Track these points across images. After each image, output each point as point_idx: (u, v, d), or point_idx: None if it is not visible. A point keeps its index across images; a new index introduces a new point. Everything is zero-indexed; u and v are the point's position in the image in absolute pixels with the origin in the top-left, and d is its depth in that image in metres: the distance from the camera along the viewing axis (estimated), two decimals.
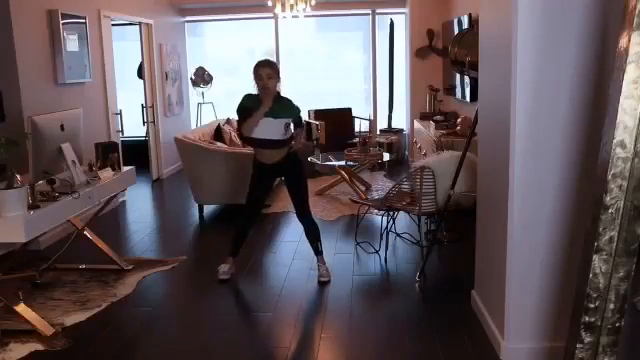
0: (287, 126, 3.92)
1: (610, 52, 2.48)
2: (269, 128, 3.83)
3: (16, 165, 3.12)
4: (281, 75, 3.91)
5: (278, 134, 3.86)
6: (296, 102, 4.04)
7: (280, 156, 3.95)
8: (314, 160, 6.84)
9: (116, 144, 4.63)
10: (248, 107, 3.83)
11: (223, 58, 9.32)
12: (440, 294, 3.79)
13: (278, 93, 3.90)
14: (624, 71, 1.76)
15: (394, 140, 8.10)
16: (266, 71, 3.76)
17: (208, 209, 5.99)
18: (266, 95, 3.78)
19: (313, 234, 4.12)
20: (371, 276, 4.13)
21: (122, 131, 6.56)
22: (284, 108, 3.91)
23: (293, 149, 4.07)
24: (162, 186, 7.44)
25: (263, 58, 3.92)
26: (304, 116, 8.04)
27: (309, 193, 4.16)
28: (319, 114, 8.07)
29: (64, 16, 5.28)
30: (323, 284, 3.94)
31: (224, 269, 4.07)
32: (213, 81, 8.79)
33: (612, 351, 1.89)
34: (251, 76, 3.84)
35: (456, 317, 3.39)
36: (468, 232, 4.23)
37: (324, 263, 4.09)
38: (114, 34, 6.55)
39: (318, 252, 4.12)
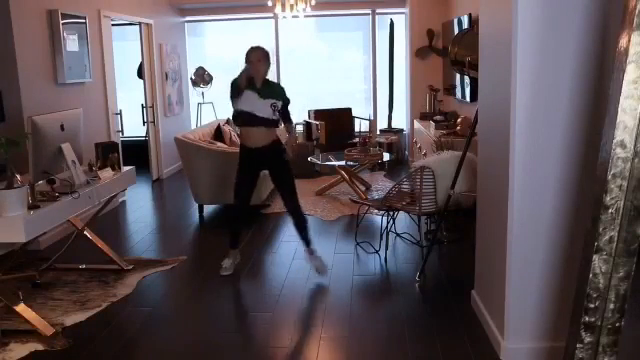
0: (274, 107, 3.99)
1: (610, 52, 2.48)
2: (255, 104, 3.95)
3: (16, 165, 3.12)
4: (271, 62, 4.07)
5: (264, 113, 3.97)
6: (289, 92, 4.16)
7: (266, 140, 4.04)
8: (314, 160, 6.84)
9: (116, 144, 4.63)
10: (238, 85, 3.94)
11: (223, 58, 9.32)
12: (440, 294, 3.79)
13: (267, 79, 4.06)
14: (624, 71, 1.76)
15: (394, 140, 8.10)
16: (256, 54, 3.95)
17: (208, 209, 5.99)
18: (257, 77, 3.95)
19: (303, 226, 4.17)
20: (371, 276, 4.13)
21: (122, 131, 6.56)
22: (272, 90, 4.06)
23: (288, 144, 4.23)
24: (162, 186, 7.44)
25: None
26: (304, 116, 8.13)
27: (309, 193, 4.17)
28: (319, 114, 8.07)
29: (64, 16, 5.29)
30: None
31: (226, 264, 4.16)
32: (213, 81, 8.79)
33: (612, 351, 1.89)
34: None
35: (456, 317, 3.39)
36: (468, 232, 4.23)
37: (314, 252, 4.16)
38: (114, 34, 6.55)
39: (308, 242, 4.18)
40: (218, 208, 6.05)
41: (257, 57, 3.96)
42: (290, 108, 4.18)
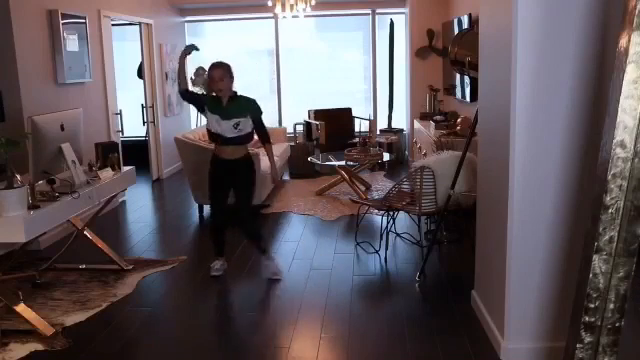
0: (236, 126, 3.88)
1: (610, 52, 2.48)
2: (221, 126, 3.89)
3: (16, 165, 3.12)
4: (234, 75, 3.99)
5: (231, 133, 3.89)
6: (257, 101, 4.02)
7: (238, 154, 3.97)
8: (314, 160, 6.84)
9: (116, 144, 4.63)
10: (201, 96, 3.99)
11: (223, 58, 9.28)
12: (440, 294, 3.79)
13: (235, 93, 3.99)
14: (624, 71, 1.76)
15: (394, 140, 8.10)
16: (218, 72, 3.87)
17: (208, 209, 5.99)
18: (222, 95, 3.91)
19: (255, 234, 4.16)
20: (371, 276, 4.13)
21: (122, 131, 6.56)
22: (238, 107, 3.92)
23: (271, 174, 4.25)
24: (162, 186, 7.44)
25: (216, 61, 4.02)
26: (304, 116, 8.13)
27: (309, 193, 4.16)
28: (319, 114, 8.07)
29: (64, 16, 5.29)
30: (275, 282, 3.99)
31: (217, 266, 4.16)
32: None
33: (612, 351, 1.89)
34: (250, 76, 3.87)
35: (456, 317, 3.39)
36: (468, 232, 4.23)
37: (273, 260, 4.14)
38: (114, 34, 6.55)
39: (264, 251, 4.14)
40: None
41: (219, 75, 3.84)
42: (267, 118, 4.06)
